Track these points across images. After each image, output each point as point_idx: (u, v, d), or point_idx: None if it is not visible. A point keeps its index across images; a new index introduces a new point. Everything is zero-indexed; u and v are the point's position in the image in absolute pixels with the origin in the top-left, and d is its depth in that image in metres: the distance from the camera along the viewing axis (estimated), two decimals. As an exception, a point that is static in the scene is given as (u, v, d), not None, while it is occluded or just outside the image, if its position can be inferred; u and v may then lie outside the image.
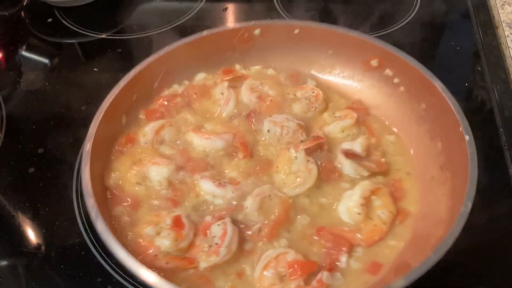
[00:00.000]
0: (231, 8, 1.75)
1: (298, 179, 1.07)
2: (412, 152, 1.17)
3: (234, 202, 1.05)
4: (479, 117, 1.34)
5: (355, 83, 1.30)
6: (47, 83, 1.50)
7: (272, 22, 1.32)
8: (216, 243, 0.97)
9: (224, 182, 1.07)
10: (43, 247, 1.12)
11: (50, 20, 1.73)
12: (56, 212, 1.17)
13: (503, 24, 1.54)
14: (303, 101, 1.24)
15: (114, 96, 1.11)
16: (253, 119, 1.19)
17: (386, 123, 1.23)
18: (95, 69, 1.54)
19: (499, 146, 1.25)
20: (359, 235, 1.01)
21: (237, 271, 0.98)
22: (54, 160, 1.28)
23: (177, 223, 0.99)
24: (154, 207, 1.06)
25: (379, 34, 1.57)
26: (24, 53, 1.64)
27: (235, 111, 1.23)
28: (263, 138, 1.17)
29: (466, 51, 1.53)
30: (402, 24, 1.62)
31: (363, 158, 1.12)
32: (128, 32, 1.66)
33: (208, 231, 1.00)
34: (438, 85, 1.10)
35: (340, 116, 1.20)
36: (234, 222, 1.01)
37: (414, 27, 1.61)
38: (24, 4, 1.82)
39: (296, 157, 1.09)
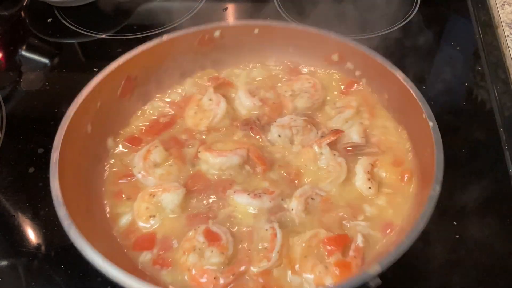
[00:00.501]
0: (231, 8, 1.75)
1: (331, 174, 1.08)
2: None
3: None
4: (479, 117, 1.34)
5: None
6: (47, 83, 1.50)
7: (231, 23, 1.34)
8: (266, 248, 0.96)
9: (259, 193, 1.05)
10: (43, 247, 1.12)
11: (50, 20, 1.73)
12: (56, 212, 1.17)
13: (503, 24, 1.53)
14: (303, 95, 1.24)
15: (77, 106, 1.09)
16: (257, 130, 1.18)
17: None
18: (95, 69, 1.53)
19: (499, 146, 1.25)
20: (380, 203, 1.05)
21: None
22: (54, 160, 1.28)
23: (210, 236, 0.96)
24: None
25: (379, 34, 1.57)
26: (24, 53, 1.64)
27: (230, 121, 1.21)
28: (276, 145, 1.16)
29: (466, 51, 1.53)
30: (402, 24, 1.62)
31: (364, 146, 1.14)
32: (128, 32, 1.66)
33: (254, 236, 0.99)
34: (399, 74, 1.11)
35: (341, 107, 1.22)
36: (281, 225, 1.00)
37: (414, 27, 1.61)
38: (24, 4, 1.82)
39: (321, 153, 1.10)
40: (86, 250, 0.88)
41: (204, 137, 1.19)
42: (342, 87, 1.28)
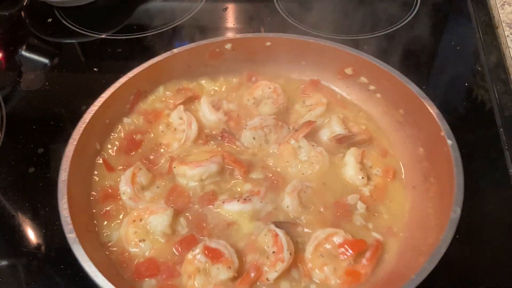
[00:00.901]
0: (231, 8, 1.75)
1: (315, 165, 1.08)
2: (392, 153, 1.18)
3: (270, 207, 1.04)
4: (479, 117, 1.34)
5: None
6: (47, 83, 1.50)
7: (242, 36, 1.30)
8: (274, 252, 0.95)
9: (247, 197, 1.04)
10: (43, 247, 1.12)
11: (50, 20, 1.73)
12: (56, 212, 1.16)
13: (503, 24, 1.53)
14: (267, 101, 1.24)
15: (86, 122, 1.08)
16: (229, 138, 1.17)
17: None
18: (95, 69, 1.54)
19: (499, 146, 1.25)
20: (368, 194, 1.07)
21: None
22: (54, 160, 1.28)
23: (211, 253, 0.94)
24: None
25: (379, 34, 1.57)
26: (24, 53, 1.64)
27: (205, 132, 1.20)
28: (251, 148, 1.16)
29: (466, 51, 1.53)
30: (402, 24, 1.62)
31: (353, 135, 1.15)
32: (128, 32, 1.66)
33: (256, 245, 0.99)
34: (415, 90, 1.09)
35: (311, 105, 1.23)
36: (278, 225, 0.99)
37: (414, 27, 1.61)
38: (24, 4, 1.82)
39: (300, 146, 1.11)
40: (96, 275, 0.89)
41: (173, 149, 1.17)
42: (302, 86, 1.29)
